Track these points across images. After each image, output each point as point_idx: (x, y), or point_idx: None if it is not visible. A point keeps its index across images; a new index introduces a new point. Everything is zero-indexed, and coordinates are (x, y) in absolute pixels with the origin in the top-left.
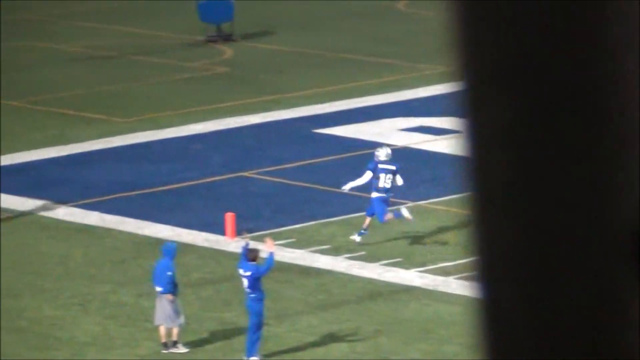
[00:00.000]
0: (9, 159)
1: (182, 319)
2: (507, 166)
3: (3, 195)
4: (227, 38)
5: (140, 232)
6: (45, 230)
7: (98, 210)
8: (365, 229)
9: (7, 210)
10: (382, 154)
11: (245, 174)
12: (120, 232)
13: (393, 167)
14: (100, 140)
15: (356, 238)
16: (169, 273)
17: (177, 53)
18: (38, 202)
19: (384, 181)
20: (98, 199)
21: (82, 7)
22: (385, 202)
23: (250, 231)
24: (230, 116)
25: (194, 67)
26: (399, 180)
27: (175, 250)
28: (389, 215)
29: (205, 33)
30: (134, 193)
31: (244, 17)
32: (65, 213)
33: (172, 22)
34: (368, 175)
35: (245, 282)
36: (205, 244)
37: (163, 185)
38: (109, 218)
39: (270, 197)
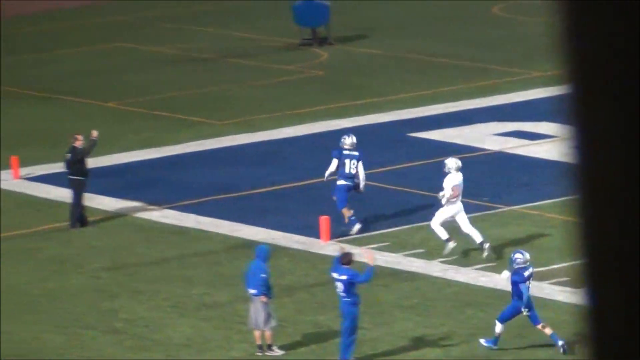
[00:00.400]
0: (105, 161)
1: (274, 322)
2: (619, 170)
3: (99, 197)
4: (323, 41)
5: (234, 234)
6: (141, 232)
7: (193, 212)
8: (351, 216)
9: (103, 211)
10: (347, 141)
11: None
12: (215, 234)
13: (357, 153)
14: (195, 142)
15: (355, 228)
16: (263, 275)
17: (272, 56)
18: (134, 204)
19: (349, 167)
20: (193, 201)
21: (179, 10)
22: (349, 189)
23: (344, 234)
24: (325, 119)
25: (289, 70)
26: (361, 169)
27: (268, 252)
28: (347, 212)
29: (301, 36)
30: (228, 195)
31: (340, 20)
32: (160, 215)
33: (267, 24)
34: (335, 163)
35: (340, 285)
36: (300, 247)
37: (258, 188)
38: (204, 220)
39: (364, 201)
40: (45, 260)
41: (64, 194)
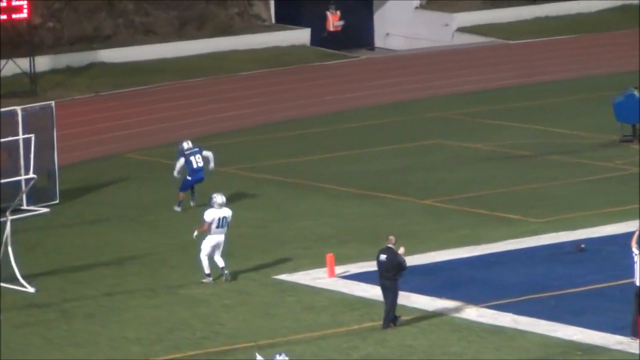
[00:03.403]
0: (421, 259)
1: None
2: None
3: (415, 295)
4: None
5: (551, 334)
6: (457, 331)
7: (510, 311)
8: (181, 202)
9: (419, 310)
10: (185, 145)
11: None
12: (532, 333)
13: (197, 149)
14: (513, 240)
15: (176, 208)
16: None
17: (591, 153)
18: (449, 303)
19: (196, 162)
20: (510, 300)
21: (497, 106)
22: (200, 180)
23: None
24: None
25: (609, 167)
26: (206, 153)
27: None
28: (182, 196)
29: (621, 132)
30: (546, 294)
31: None
32: (476, 314)
33: (586, 121)
34: (181, 161)
35: None
36: (618, 347)
37: (575, 287)
38: (521, 319)
39: None
40: None
41: (379, 293)
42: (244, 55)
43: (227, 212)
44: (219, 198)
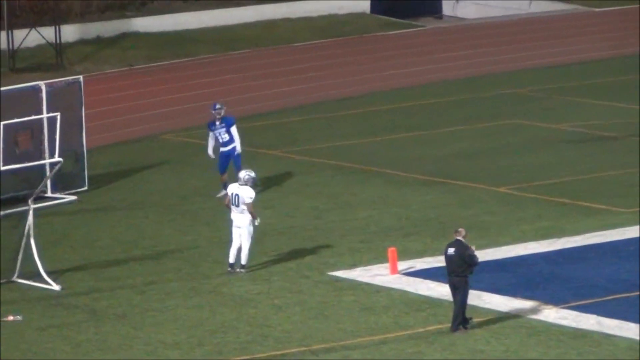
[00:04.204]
0: (495, 253)
1: None
2: None
3: (487, 294)
4: None
5: None
6: (534, 335)
7: (595, 313)
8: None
9: (492, 311)
10: (218, 113)
11: None
12: (619, 338)
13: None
14: (598, 233)
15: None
16: None
17: None
18: (526, 303)
19: (221, 137)
20: (595, 300)
21: (580, 82)
22: (228, 156)
23: None
24: None
25: None
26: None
27: None
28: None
29: None
30: (634, 294)
31: None
32: (557, 316)
33: None
34: (213, 137)
35: None
36: None
37: None
38: (606, 322)
39: None
40: None
41: (447, 291)
42: (296, 24)
43: (241, 191)
44: (240, 173)
